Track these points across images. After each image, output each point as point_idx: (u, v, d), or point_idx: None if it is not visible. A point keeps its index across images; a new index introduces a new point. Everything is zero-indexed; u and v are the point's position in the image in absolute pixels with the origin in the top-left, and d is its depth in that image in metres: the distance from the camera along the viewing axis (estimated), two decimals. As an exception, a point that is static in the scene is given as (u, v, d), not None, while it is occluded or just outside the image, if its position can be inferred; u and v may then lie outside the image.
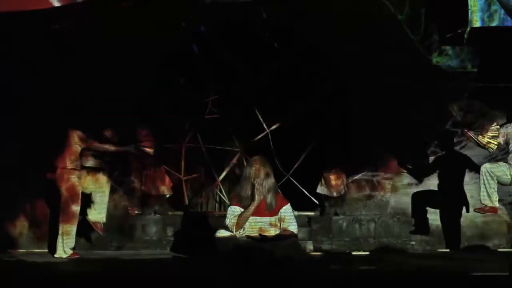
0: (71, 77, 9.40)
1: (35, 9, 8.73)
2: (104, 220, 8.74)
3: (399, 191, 9.96)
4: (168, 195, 10.17)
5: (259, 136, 10.64)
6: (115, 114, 9.48)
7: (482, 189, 8.53)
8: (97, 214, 8.69)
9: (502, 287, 6.56)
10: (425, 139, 9.89)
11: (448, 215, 9.62)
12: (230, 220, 7.26)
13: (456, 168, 9.72)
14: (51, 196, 8.68)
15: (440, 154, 9.82)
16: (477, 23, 9.54)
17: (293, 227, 7.32)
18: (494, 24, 9.56)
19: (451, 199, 9.63)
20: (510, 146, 8.65)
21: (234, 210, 7.28)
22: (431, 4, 9.93)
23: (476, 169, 9.21)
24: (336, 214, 9.97)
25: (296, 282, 6.51)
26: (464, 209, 9.45)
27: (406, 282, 6.63)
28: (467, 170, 9.65)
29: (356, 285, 6.57)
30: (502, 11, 9.46)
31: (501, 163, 8.63)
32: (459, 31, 9.86)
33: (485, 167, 8.54)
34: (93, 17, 9.47)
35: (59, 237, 8.40)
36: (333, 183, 9.94)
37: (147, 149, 9.05)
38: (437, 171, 9.79)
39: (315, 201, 10.28)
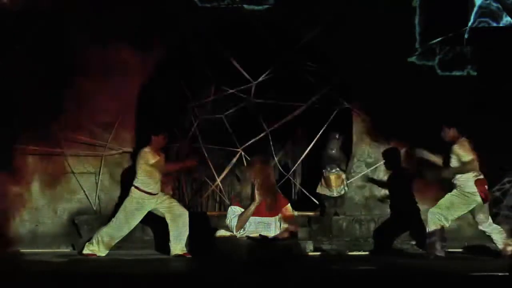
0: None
1: None
2: None
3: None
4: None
5: (259, 136, 10.63)
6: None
7: None
8: None
9: (502, 287, 6.57)
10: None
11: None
12: (230, 220, 7.26)
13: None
14: None
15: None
16: None
17: (293, 227, 7.32)
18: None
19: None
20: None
21: (235, 210, 7.28)
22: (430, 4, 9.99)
23: None
24: (336, 214, 9.96)
25: (296, 282, 6.51)
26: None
27: (406, 282, 6.63)
28: None
29: (356, 285, 6.57)
30: None
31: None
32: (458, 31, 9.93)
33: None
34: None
35: None
36: (333, 183, 9.93)
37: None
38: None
39: (315, 201, 10.28)
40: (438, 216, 8.66)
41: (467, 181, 8.60)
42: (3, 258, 8.55)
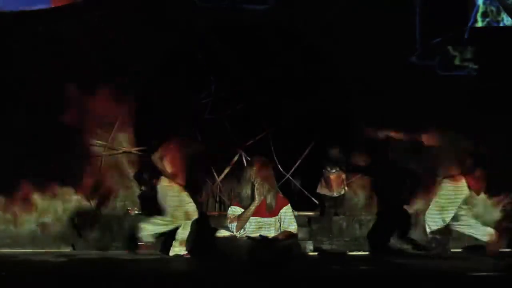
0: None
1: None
2: None
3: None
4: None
5: (259, 136, 10.63)
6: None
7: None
8: None
9: (501, 287, 6.58)
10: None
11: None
12: (230, 220, 7.26)
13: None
14: None
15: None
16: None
17: (293, 228, 7.32)
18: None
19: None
20: None
21: (235, 210, 7.28)
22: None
23: None
24: (336, 214, 9.96)
25: (296, 282, 6.51)
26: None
27: (406, 282, 6.63)
28: None
29: (356, 285, 6.57)
30: None
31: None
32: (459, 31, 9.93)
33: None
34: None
35: None
36: (333, 183, 9.93)
37: None
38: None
39: (315, 201, 10.28)
40: (436, 216, 8.67)
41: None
42: (4, 258, 8.55)
